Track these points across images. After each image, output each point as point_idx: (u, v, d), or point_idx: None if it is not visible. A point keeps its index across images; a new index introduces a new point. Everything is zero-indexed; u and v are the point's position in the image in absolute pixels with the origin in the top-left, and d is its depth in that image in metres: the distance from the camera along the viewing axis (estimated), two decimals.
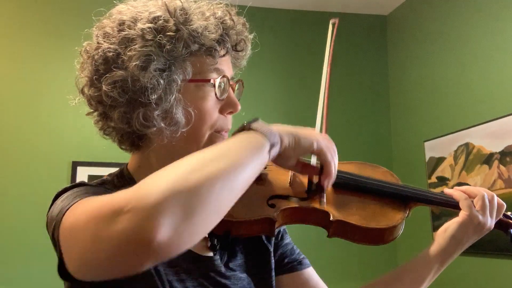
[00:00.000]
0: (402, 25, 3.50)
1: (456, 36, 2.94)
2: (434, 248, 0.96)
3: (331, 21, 1.06)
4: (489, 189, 2.50)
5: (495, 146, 2.51)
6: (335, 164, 0.81)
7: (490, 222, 0.96)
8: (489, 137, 2.56)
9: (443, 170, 2.90)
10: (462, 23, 2.89)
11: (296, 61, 3.48)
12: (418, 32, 3.31)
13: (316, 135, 0.80)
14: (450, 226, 0.96)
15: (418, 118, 3.23)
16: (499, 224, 1.02)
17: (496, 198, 0.97)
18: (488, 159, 2.55)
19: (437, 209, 2.83)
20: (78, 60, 0.86)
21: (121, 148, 0.88)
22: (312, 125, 0.83)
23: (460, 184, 2.74)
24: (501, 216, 1.01)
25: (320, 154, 0.79)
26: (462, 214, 0.95)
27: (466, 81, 2.82)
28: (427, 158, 3.05)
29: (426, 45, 3.22)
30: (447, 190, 1.00)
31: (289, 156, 0.77)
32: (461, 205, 0.95)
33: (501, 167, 2.45)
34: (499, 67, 2.59)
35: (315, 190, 0.87)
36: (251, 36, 0.90)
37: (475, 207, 0.95)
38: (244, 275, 0.90)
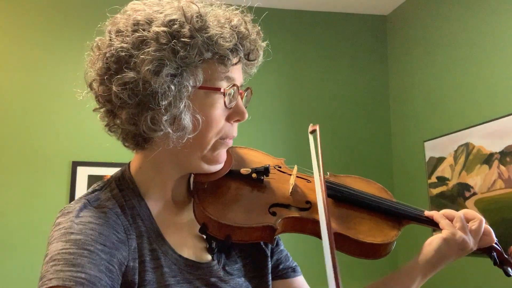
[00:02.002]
0: (402, 25, 3.50)
1: (456, 36, 2.94)
2: (418, 260, 0.96)
3: (310, 130, 0.99)
4: (489, 189, 2.51)
5: (495, 146, 2.51)
6: None
7: (473, 244, 0.96)
8: (489, 137, 2.56)
9: (443, 170, 2.90)
10: (462, 23, 2.89)
11: (296, 61, 3.48)
12: (418, 32, 3.31)
13: None
14: (434, 240, 0.96)
15: (418, 118, 3.23)
16: (484, 247, 1.02)
17: (483, 223, 0.97)
18: (488, 159, 2.55)
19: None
20: (88, 53, 0.85)
21: (125, 146, 0.87)
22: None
23: (460, 184, 2.74)
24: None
25: None
26: (445, 231, 0.95)
27: (466, 81, 2.82)
28: (427, 158, 3.05)
29: (426, 45, 3.22)
30: (427, 213, 0.99)
31: None
32: (441, 225, 0.96)
33: (501, 167, 2.45)
34: (499, 67, 2.59)
35: None
36: (264, 44, 0.90)
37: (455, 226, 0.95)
38: (241, 280, 0.91)
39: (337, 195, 0.97)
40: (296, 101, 3.42)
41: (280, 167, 1.01)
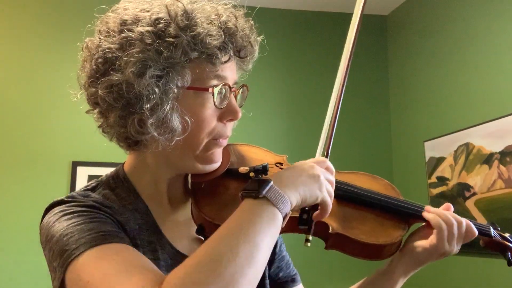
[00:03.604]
0: (402, 25, 3.50)
1: (456, 36, 2.94)
2: (398, 265, 0.95)
3: None
4: (489, 189, 2.51)
5: (495, 146, 2.51)
6: (330, 203, 0.81)
7: (456, 249, 0.95)
8: (489, 137, 2.56)
9: (443, 170, 2.90)
10: (462, 23, 2.89)
11: (297, 61, 3.48)
12: (418, 32, 3.31)
13: (318, 178, 0.78)
14: (416, 248, 0.94)
15: (418, 118, 3.23)
16: (497, 246, 1.01)
17: (464, 226, 0.95)
18: (488, 159, 2.55)
19: None
20: (80, 54, 0.83)
21: (119, 146, 0.87)
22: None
23: (460, 184, 2.74)
24: (499, 239, 1.01)
25: (322, 204, 0.80)
26: (431, 241, 0.93)
27: (466, 81, 2.82)
28: (427, 158, 3.05)
29: (426, 45, 3.21)
30: (427, 212, 0.96)
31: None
32: (435, 232, 0.93)
33: (501, 167, 2.45)
34: (499, 67, 2.59)
35: (305, 222, 0.83)
36: (259, 39, 0.86)
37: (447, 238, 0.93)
38: None
39: (340, 194, 0.93)
40: (297, 99, 3.42)
41: (282, 165, 0.97)
